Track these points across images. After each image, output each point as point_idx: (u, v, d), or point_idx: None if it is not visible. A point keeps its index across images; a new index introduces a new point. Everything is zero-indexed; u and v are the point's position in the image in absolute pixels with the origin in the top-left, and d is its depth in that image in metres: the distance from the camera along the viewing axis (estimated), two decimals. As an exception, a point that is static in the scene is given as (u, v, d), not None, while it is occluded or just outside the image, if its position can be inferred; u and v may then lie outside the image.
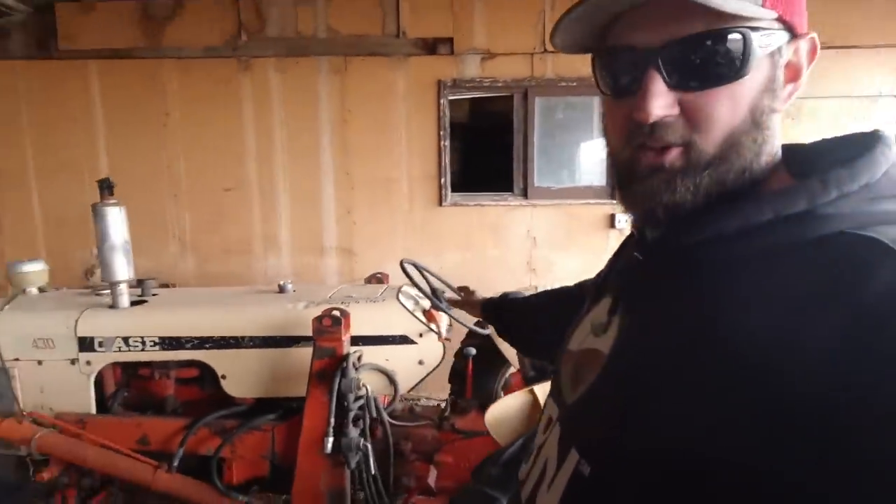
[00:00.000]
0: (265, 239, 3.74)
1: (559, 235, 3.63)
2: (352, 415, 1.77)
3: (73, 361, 1.97)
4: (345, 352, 1.81)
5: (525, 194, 3.63)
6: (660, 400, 0.46)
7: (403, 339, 1.99)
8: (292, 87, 3.60)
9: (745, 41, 0.46)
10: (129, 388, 2.11)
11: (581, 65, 3.33)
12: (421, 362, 2.00)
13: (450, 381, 2.78)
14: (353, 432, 1.77)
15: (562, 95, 3.54)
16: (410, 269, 1.92)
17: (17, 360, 1.98)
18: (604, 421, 0.51)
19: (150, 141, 3.65)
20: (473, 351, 2.22)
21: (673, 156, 0.49)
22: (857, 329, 0.37)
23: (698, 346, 0.45)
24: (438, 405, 2.24)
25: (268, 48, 3.56)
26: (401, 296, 2.07)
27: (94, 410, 2.00)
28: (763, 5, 0.46)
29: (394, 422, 2.08)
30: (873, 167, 0.46)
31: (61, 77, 3.62)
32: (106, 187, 2.00)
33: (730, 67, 0.46)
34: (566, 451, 0.54)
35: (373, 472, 1.83)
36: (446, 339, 2.09)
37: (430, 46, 3.51)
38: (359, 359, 1.89)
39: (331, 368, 1.78)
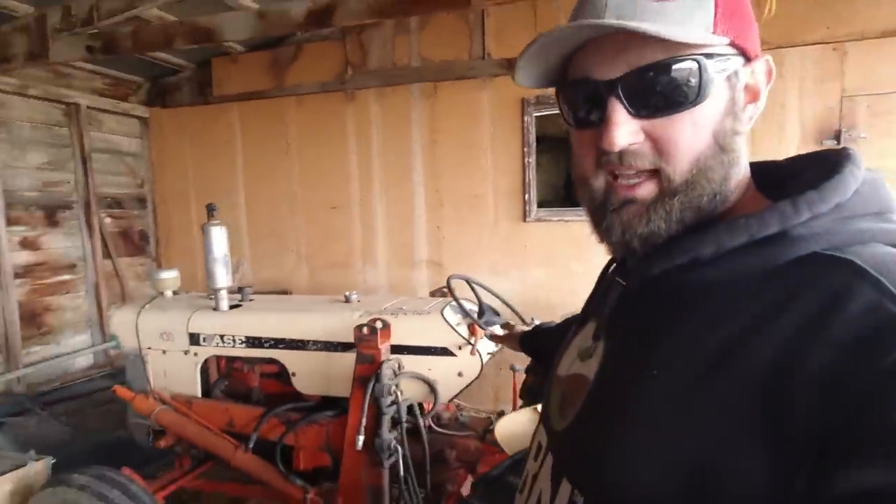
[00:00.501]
0: (364, 253, 4.11)
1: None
2: (386, 417, 1.93)
3: (185, 352, 2.43)
4: (382, 359, 1.98)
5: (612, 209, 3.50)
6: (644, 427, 0.46)
7: (444, 351, 2.10)
8: (388, 113, 3.93)
9: (700, 67, 0.47)
10: (228, 378, 2.52)
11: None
12: (460, 374, 2.09)
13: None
14: (386, 434, 1.92)
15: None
16: (455, 284, 2.04)
17: (149, 348, 2.49)
18: (592, 450, 0.51)
19: (274, 167, 4.26)
20: (519, 367, 2.24)
21: (645, 188, 0.51)
22: (837, 354, 0.38)
23: (682, 371, 0.46)
24: (488, 417, 2.30)
25: (369, 80, 3.94)
26: (447, 310, 2.19)
27: (199, 394, 2.44)
28: (714, 32, 0.48)
29: (438, 429, 2.20)
30: (843, 187, 0.47)
31: (213, 118, 4.41)
32: (211, 210, 2.43)
33: (688, 93, 0.48)
34: (558, 481, 0.55)
35: (409, 472, 1.97)
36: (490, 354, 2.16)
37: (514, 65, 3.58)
38: (399, 367, 2.05)
39: (368, 373, 1.96)
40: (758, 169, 0.56)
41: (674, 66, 0.47)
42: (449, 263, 3.91)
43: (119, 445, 2.78)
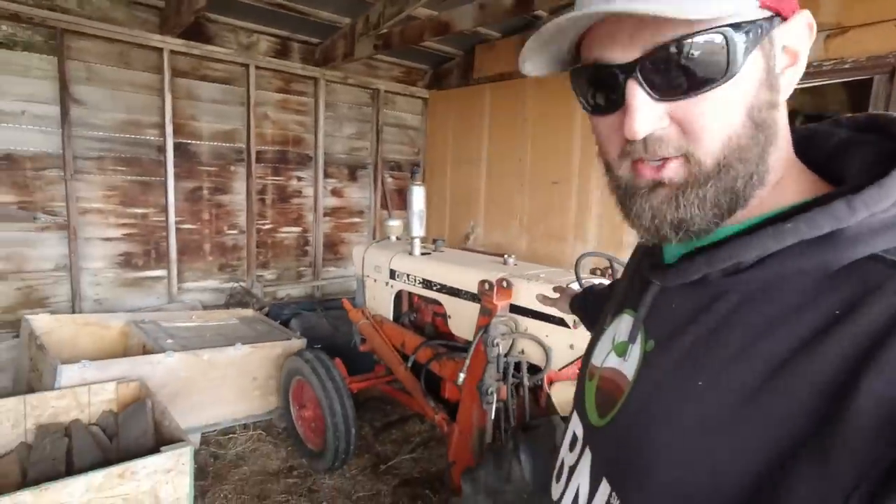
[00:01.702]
0: (576, 228, 4.20)
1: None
2: (490, 366, 2.17)
3: (386, 284, 3.13)
4: (497, 314, 2.20)
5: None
6: (691, 440, 0.44)
7: (561, 322, 2.18)
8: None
9: (727, 40, 0.42)
10: (413, 310, 3.13)
11: None
12: (572, 346, 2.15)
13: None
14: (488, 379, 2.17)
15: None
16: (584, 262, 2.10)
17: (367, 276, 3.29)
18: (635, 458, 0.50)
19: (511, 142, 4.69)
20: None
21: (671, 169, 0.46)
22: (891, 384, 0.35)
23: (731, 383, 0.43)
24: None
25: (602, 57, 3.92)
26: (573, 285, 2.24)
27: (391, 317, 3.12)
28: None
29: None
30: None
31: (471, 98, 5.09)
32: (414, 173, 3.01)
33: (715, 69, 0.42)
34: (598, 481, 0.54)
35: (508, 420, 2.18)
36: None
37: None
38: (516, 325, 2.24)
39: (484, 323, 2.22)
40: (802, 139, 0.51)
41: (696, 42, 0.42)
42: (658, 251, 3.68)
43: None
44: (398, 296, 3.10)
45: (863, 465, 0.35)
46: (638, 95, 0.45)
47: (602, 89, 0.48)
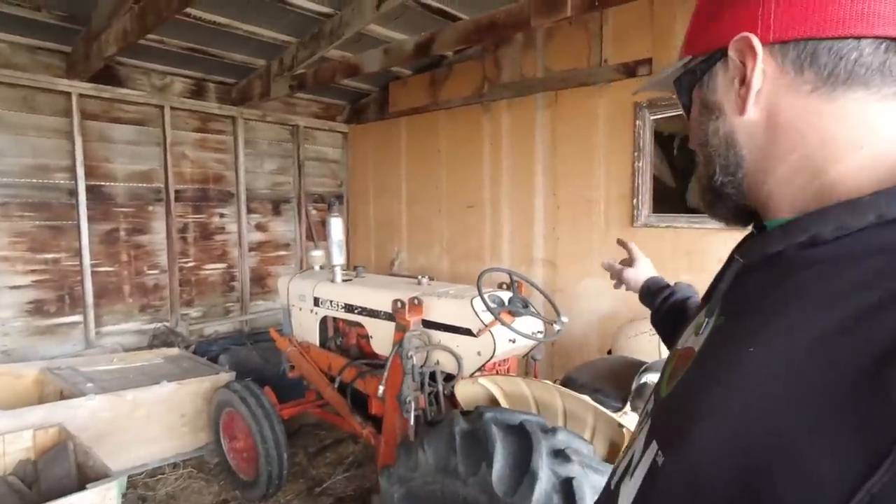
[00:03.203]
0: (492, 248, 4.54)
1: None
2: (407, 377, 2.39)
3: (311, 311, 3.28)
4: (411, 329, 2.44)
5: (728, 217, 3.21)
6: (731, 400, 0.45)
7: (468, 332, 2.44)
8: (516, 122, 4.28)
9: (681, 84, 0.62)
10: (339, 334, 3.29)
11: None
12: (479, 353, 2.41)
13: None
14: (405, 390, 2.38)
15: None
16: (484, 278, 2.39)
17: (293, 305, 3.43)
18: (680, 415, 0.51)
19: (428, 171, 5.00)
20: (539, 357, 2.44)
21: None
22: None
23: (781, 351, 0.44)
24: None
25: (502, 92, 4.34)
26: (477, 298, 2.52)
27: (317, 343, 3.26)
28: (680, 58, 0.56)
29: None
30: None
31: (387, 131, 5.38)
32: (331, 205, 3.21)
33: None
34: (649, 443, 0.56)
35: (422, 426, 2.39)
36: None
37: (631, 70, 3.56)
38: (429, 338, 2.48)
39: (399, 338, 2.45)
40: None
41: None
42: (562, 264, 4.08)
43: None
44: (323, 322, 3.26)
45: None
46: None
47: None
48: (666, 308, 1.12)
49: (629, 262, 1.29)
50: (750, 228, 0.63)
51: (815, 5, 0.47)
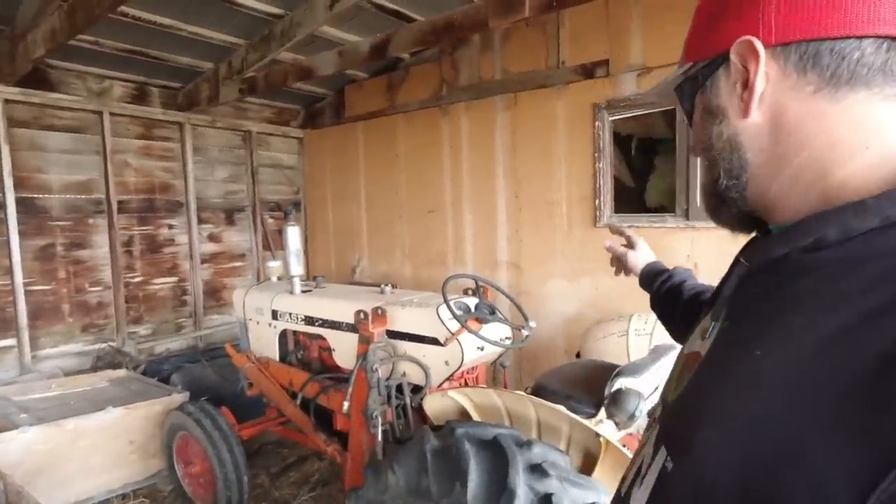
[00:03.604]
0: (455, 252, 4.48)
1: (724, 262, 3.11)
2: (373, 391, 2.29)
3: (269, 325, 3.12)
4: (374, 341, 2.34)
5: (687, 216, 3.26)
6: (738, 403, 0.45)
7: (434, 341, 2.37)
8: (476, 124, 4.24)
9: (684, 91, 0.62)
10: (300, 348, 3.15)
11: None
12: (447, 363, 2.33)
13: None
14: (371, 404, 2.28)
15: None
16: (449, 285, 2.31)
17: (250, 319, 3.26)
18: (688, 419, 0.52)
19: (387, 176, 4.90)
20: (507, 363, 2.38)
21: None
22: None
23: (787, 353, 0.44)
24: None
25: (460, 95, 4.30)
26: (441, 307, 2.44)
27: (277, 358, 3.10)
28: (680, 65, 0.57)
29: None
30: None
31: (344, 136, 5.25)
32: (287, 214, 3.08)
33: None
34: (658, 449, 0.56)
35: (391, 441, 2.29)
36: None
37: (589, 71, 3.58)
38: (395, 349, 2.39)
39: (363, 351, 2.34)
40: None
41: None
42: (527, 266, 4.06)
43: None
44: (283, 335, 3.11)
45: None
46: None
47: None
48: (664, 291, 1.12)
49: (629, 246, 1.28)
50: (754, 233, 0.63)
51: (816, 7, 0.47)
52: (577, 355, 2.96)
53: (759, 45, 0.50)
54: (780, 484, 0.39)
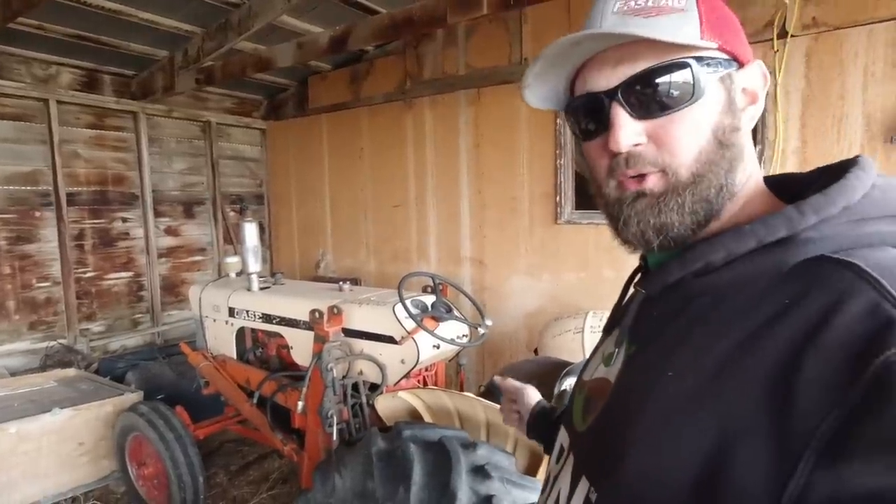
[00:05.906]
0: (419, 248, 4.47)
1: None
2: (328, 390, 2.27)
3: (226, 322, 3.06)
4: (331, 340, 2.32)
5: (643, 213, 3.33)
6: (660, 425, 0.48)
7: (390, 340, 2.36)
8: (440, 119, 4.22)
9: (692, 69, 0.52)
10: (258, 346, 3.10)
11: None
12: (403, 361, 2.33)
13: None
14: (326, 403, 2.26)
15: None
16: (405, 285, 2.30)
17: (206, 316, 3.19)
18: (609, 448, 0.53)
19: (351, 169, 4.84)
20: (465, 361, 2.40)
21: (651, 181, 0.54)
22: (834, 355, 0.39)
23: (696, 372, 0.47)
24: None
25: (424, 89, 4.26)
26: (398, 305, 2.43)
27: (234, 356, 3.05)
28: (702, 38, 0.52)
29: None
30: (848, 190, 0.48)
31: (308, 128, 5.15)
32: (244, 209, 3.01)
33: (683, 93, 0.52)
34: (577, 480, 0.56)
35: (347, 440, 2.28)
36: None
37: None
38: (350, 348, 2.37)
39: (318, 350, 2.32)
40: (776, 181, 0.59)
41: (666, 69, 0.52)
42: (490, 263, 4.08)
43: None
44: (240, 333, 3.05)
45: (807, 440, 0.38)
46: (620, 114, 0.53)
47: (591, 115, 0.57)
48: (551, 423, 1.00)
49: (516, 399, 1.10)
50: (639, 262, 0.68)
51: (739, 41, 0.56)
52: (535, 352, 3.00)
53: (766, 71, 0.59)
54: (715, 495, 0.42)
